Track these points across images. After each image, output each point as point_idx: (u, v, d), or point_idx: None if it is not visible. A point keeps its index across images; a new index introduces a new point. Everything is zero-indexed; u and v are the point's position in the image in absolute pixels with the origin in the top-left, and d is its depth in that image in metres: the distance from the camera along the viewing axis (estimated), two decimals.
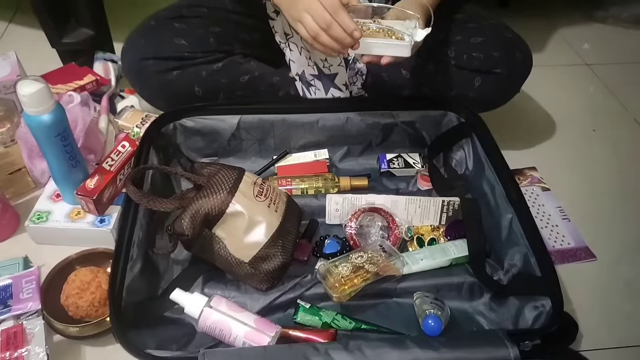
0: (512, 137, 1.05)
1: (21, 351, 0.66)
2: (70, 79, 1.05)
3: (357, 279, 0.72)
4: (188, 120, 0.89)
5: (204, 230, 0.71)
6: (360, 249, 0.77)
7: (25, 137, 0.86)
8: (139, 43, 0.89)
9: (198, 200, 0.69)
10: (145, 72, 0.88)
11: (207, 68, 0.90)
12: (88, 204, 0.81)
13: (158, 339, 0.65)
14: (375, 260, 0.74)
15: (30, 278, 0.75)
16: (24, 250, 0.84)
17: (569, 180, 1.03)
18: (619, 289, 0.85)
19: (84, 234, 0.83)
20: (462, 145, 0.93)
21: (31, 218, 0.84)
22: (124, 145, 0.88)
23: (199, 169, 0.76)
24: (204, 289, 0.74)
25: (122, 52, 0.92)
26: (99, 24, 1.14)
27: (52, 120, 0.74)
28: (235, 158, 0.94)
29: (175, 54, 0.88)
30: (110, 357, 0.72)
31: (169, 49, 0.88)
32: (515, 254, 0.75)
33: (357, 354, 0.59)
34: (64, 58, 1.17)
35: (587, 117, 1.21)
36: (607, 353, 0.76)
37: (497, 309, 0.75)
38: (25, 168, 0.91)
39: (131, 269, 0.69)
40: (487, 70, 0.91)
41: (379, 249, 0.76)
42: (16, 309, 0.71)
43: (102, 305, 0.72)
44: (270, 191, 0.75)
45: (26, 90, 0.70)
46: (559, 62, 1.39)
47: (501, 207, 0.79)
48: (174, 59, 0.88)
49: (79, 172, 0.83)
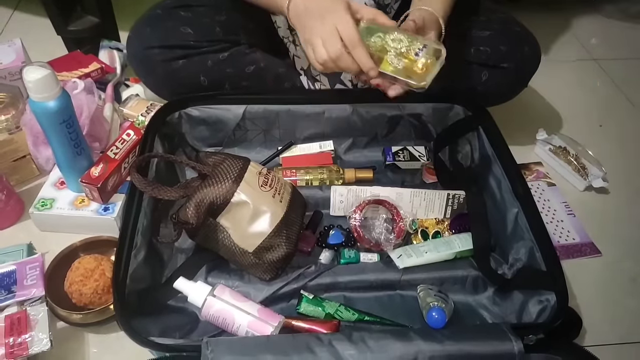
0: (519, 131, 1.05)
1: (25, 337, 0.66)
2: (75, 67, 1.05)
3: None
4: (193, 109, 0.89)
5: (208, 219, 0.71)
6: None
7: (30, 124, 0.85)
8: (144, 31, 0.89)
9: (203, 189, 0.69)
10: (151, 61, 0.88)
11: (213, 57, 0.89)
12: (92, 191, 0.81)
13: (161, 327, 0.65)
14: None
15: (34, 265, 0.75)
16: (28, 237, 0.84)
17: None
18: (623, 285, 0.85)
19: (88, 222, 0.83)
20: (468, 139, 0.92)
21: (35, 205, 0.84)
22: (129, 134, 0.87)
23: (204, 158, 0.76)
24: (207, 278, 0.74)
25: (127, 40, 0.91)
26: (104, 12, 1.13)
27: (58, 106, 0.73)
28: (240, 148, 0.94)
29: (181, 43, 0.87)
30: (113, 344, 0.72)
31: (175, 37, 0.87)
32: (521, 248, 0.75)
33: (360, 345, 0.58)
34: (69, 46, 1.16)
35: (594, 112, 1.20)
36: (611, 349, 0.76)
37: (501, 303, 0.74)
38: (30, 155, 0.91)
39: (135, 257, 0.69)
40: (494, 64, 0.90)
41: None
42: (20, 295, 0.71)
43: (105, 292, 0.73)
44: (275, 181, 0.74)
45: (32, 76, 0.70)
46: (566, 57, 1.38)
47: (507, 201, 0.78)
48: (180, 47, 0.88)
49: (84, 159, 0.83)
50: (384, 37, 0.71)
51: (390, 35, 0.70)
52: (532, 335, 0.63)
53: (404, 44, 0.70)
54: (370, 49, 0.70)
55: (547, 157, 1.05)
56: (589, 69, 1.34)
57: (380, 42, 0.71)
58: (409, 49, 0.70)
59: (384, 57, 0.71)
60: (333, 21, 0.68)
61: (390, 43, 0.70)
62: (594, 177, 0.98)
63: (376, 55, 0.70)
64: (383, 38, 0.71)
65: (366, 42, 0.70)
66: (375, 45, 0.71)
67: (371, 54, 0.69)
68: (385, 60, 0.71)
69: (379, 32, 0.71)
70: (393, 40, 0.70)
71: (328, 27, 0.68)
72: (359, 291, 0.76)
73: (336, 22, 0.68)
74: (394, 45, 0.70)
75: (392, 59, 0.70)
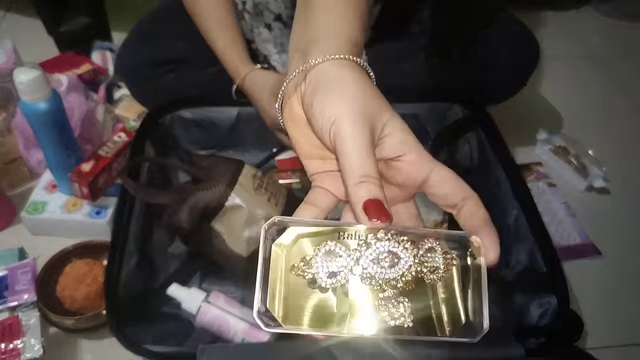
0: (518, 131, 1.04)
1: (17, 343, 0.65)
2: (67, 68, 1.04)
3: None
4: (186, 111, 0.88)
5: (202, 224, 0.69)
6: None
7: (21, 127, 0.84)
8: (133, 47, 0.88)
9: (196, 193, 0.68)
10: (141, 76, 0.87)
11: (203, 72, 0.88)
12: (82, 187, 0.80)
13: (155, 334, 0.64)
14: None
15: (26, 269, 0.74)
16: (19, 242, 0.83)
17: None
18: (624, 286, 0.84)
19: (80, 226, 0.82)
20: (467, 139, 0.91)
21: (27, 209, 0.82)
22: (120, 136, 0.87)
23: (197, 161, 0.75)
24: (202, 284, 0.73)
25: (117, 56, 0.91)
26: (96, 12, 1.12)
27: (49, 108, 0.72)
28: (235, 151, 0.93)
29: (170, 57, 0.86)
30: (106, 350, 0.71)
31: (164, 53, 0.86)
32: (521, 250, 0.74)
33: (359, 351, 0.57)
34: (61, 46, 1.15)
35: (594, 111, 1.19)
36: (612, 351, 0.75)
37: (502, 306, 0.73)
38: (22, 158, 0.90)
39: (127, 263, 0.68)
40: (493, 64, 0.89)
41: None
42: (12, 300, 0.71)
43: (98, 297, 0.72)
44: (270, 184, 0.73)
45: (22, 78, 0.69)
46: (565, 56, 1.37)
47: (507, 202, 0.77)
48: (169, 62, 0.87)
49: (76, 161, 0.81)
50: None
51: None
52: (533, 338, 0.62)
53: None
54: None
55: (547, 158, 1.04)
56: (588, 68, 1.34)
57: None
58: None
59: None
60: None
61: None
62: (594, 177, 0.97)
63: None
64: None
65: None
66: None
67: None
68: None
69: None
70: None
71: None
72: None
73: None
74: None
75: (387, 308, 0.29)
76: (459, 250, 0.31)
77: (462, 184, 0.32)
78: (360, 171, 0.30)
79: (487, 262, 0.30)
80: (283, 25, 0.82)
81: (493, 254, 0.30)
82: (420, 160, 0.32)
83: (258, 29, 0.83)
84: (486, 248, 0.30)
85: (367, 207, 0.29)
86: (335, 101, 0.31)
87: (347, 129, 0.30)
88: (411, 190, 0.34)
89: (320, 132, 0.32)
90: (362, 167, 0.30)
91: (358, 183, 0.29)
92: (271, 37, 0.83)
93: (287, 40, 0.83)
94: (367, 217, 0.29)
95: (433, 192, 0.32)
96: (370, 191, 0.29)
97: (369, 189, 0.29)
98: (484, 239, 0.31)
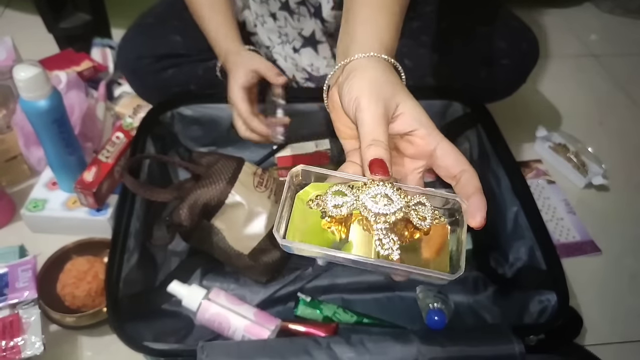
0: (518, 128, 1.04)
1: (17, 340, 0.65)
2: (67, 65, 1.03)
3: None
4: (186, 108, 0.87)
5: (202, 221, 0.69)
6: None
7: (21, 124, 0.84)
8: (134, 41, 0.88)
9: (196, 190, 0.68)
10: (141, 71, 0.87)
11: (203, 66, 0.88)
12: (87, 197, 0.80)
13: (156, 331, 0.64)
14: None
15: (27, 267, 0.74)
16: (20, 239, 0.82)
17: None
18: (623, 283, 0.84)
19: (80, 223, 0.82)
20: (467, 136, 0.91)
21: (27, 206, 0.82)
22: (118, 137, 0.86)
23: (197, 158, 0.74)
24: (202, 281, 0.73)
25: (117, 50, 0.90)
26: (96, 9, 1.12)
27: (49, 106, 0.72)
28: (235, 148, 0.93)
29: (170, 52, 0.86)
30: (107, 347, 0.71)
31: (165, 46, 0.86)
32: (521, 247, 0.74)
33: (359, 348, 0.57)
34: (61, 44, 1.15)
35: (594, 109, 1.19)
36: (611, 348, 0.75)
37: (502, 303, 0.74)
38: (22, 155, 0.89)
39: (128, 260, 0.68)
40: (493, 60, 0.89)
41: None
42: (12, 297, 0.70)
43: (99, 295, 0.72)
44: (270, 182, 0.73)
45: (22, 75, 0.69)
46: (565, 53, 1.37)
47: (506, 199, 0.77)
48: (170, 56, 0.86)
49: (76, 160, 0.82)
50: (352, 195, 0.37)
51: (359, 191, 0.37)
52: (532, 335, 0.62)
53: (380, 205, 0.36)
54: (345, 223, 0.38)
55: (546, 155, 1.04)
56: (588, 65, 1.33)
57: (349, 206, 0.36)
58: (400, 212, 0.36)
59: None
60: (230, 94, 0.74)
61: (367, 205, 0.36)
62: (594, 174, 0.97)
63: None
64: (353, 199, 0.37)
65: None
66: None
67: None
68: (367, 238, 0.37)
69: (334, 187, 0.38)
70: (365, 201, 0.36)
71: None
72: (358, 293, 0.75)
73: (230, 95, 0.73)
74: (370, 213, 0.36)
75: (379, 237, 0.35)
76: (449, 212, 0.38)
77: (462, 158, 0.39)
78: (371, 135, 0.37)
79: (474, 224, 0.36)
80: (289, 14, 0.81)
81: (479, 217, 0.36)
82: (429, 136, 0.39)
83: (263, 18, 0.83)
84: (474, 211, 0.37)
85: (372, 164, 0.36)
86: (358, 83, 0.40)
87: (364, 103, 0.38)
88: (421, 161, 0.40)
89: (347, 109, 0.40)
90: (372, 132, 0.37)
91: (368, 145, 0.37)
92: (275, 27, 0.83)
93: (292, 30, 0.83)
94: (370, 171, 0.36)
95: (438, 165, 0.39)
96: (377, 152, 0.36)
97: (376, 150, 0.36)
98: (474, 203, 0.37)
